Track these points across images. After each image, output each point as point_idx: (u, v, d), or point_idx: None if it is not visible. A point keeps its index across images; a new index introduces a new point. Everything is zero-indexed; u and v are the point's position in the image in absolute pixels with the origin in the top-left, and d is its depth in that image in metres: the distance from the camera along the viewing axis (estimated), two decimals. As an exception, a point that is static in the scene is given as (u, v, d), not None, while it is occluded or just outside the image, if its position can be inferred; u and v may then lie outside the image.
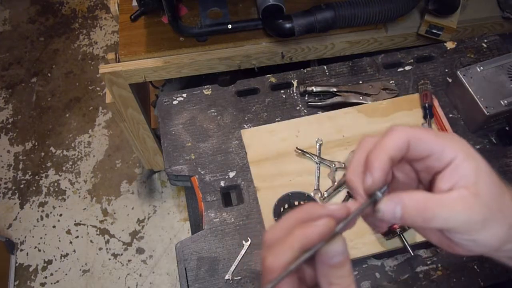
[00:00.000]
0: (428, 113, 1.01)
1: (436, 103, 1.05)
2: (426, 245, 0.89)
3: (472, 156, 0.39)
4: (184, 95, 1.10)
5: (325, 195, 0.93)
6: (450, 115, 1.04)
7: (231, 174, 0.98)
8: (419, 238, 0.88)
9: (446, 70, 1.12)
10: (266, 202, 0.92)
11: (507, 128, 1.02)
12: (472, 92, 0.98)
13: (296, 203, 0.91)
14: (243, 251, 0.89)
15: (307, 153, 0.97)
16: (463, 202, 0.37)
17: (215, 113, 1.07)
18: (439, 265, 0.88)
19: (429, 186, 0.42)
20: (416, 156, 0.41)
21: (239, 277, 0.87)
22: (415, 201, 0.38)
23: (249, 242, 0.90)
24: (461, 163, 0.39)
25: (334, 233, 0.37)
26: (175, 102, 1.09)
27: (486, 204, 0.38)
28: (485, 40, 1.16)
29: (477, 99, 0.97)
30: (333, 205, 0.39)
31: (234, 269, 0.87)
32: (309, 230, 0.37)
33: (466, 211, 0.37)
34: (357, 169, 0.41)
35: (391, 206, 0.38)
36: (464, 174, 0.38)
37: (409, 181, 0.44)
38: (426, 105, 1.01)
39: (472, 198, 0.37)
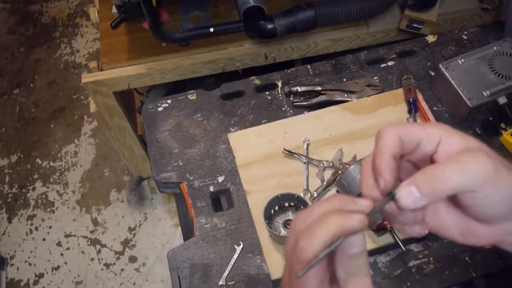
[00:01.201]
0: (413, 108, 1.01)
1: (420, 97, 1.05)
2: (418, 239, 0.90)
3: (454, 131, 0.42)
4: (169, 101, 1.09)
5: (315, 195, 0.93)
6: (435, 108, 1.05)
7: (220, 179, 0.98)
8: (410, 233, 0.88)
9: (429, 64, 1.12)
10: (256, 205, 0.92)
11: (490, 119, 1.03)
12: (454, 85, 0.99)
13: (287, 204, 0.91)
14: (235, 256, 0.89)
15: (295, 153, 0.97)
16: (468, 156, 0.39)
17: (201, 118, 1.06)
18: (431, 258, 0.88)
19: None
20: (410, 148, 0.42)
21: (232, 282, 0.86)
22: (424, 173, 0.39)
23: (241, 246, 0.89)
24: (448, 137, 0.41)
25: (360, 230, 0.39)
26: (160, 109, 1.08)
27: (487, 153, 0.39)
28: (465, 32, 1.17)
29: (460, 92, 0.98)
30: (363, 200, 0.41)
31: (228, 274, 0.87)
32: (347, 221, 0.38)
33: (474, 161, 0.38)
34: (368, 182, 0.43)
35: (407, 189, 0.39)
36: (455, 143, 0.41)
37: None
38: (411, 99, 1.02)
39: (476, 152, 0.39)
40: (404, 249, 0.86)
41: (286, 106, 1.07)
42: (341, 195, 0.42)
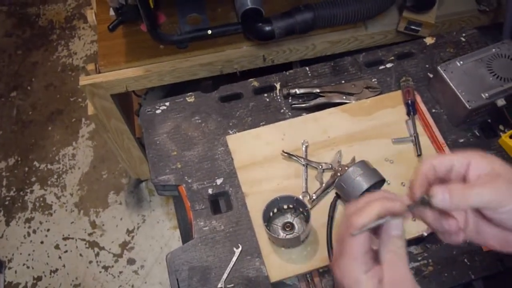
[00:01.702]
0: (411, 110, 1.01)
1: (418, 99, 1.05)
2: (417, 241, 0.90)
3: (483, 155, 0.52)
4: (167, 103, 1.09)
5: (314, 197, 0.92)
6: (433, 110, 1.05)
7: (219, 181, 0.98)
8: (409, 235, 0.88)
9: (427, 66, 1.12)
10: (255, 207, 0.92)
11: (489, 121, 1.03)
12: (453, 87, 0.99)
13: (285, 207, 0.90)
14: (234, 258, 0.88)
15: (294, 155, 0.97)
16: (488, 181, 0.49)
17: (199, 121, 1.06)
18: (430, 260, 0.88)
19: None
20: (444, 171, 0.53)
21: (231, 285, 0.86)
22: (456, 187, 0.49)
23: (240, 249, 0.89)
24: (477, 161, 0.51)
25: (400, 213, 0.50)
26: (158, 111, 1.08)
27: (507, 179, 0.48)
28: (464, 34, 1.17)
29: (458, 94, 0.98)
30: (405, 196, 0.53)
31: (227, 277, 0.87)
32: (389, 203, 0.51)
33: (491, 186, 0.48)
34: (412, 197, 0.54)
35: (440, 191, 0.48)
36: (482, 166, 0.51)
37: None
38: (409, 101, 1.02)
39: (493, 177, 0.49)
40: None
41: (284, 108, 1.07)
42: (384, 191, 0.54)
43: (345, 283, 0.50)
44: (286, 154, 0.98)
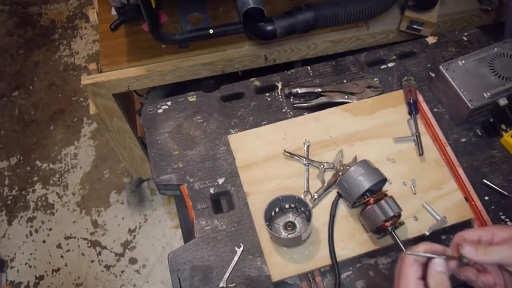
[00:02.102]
0: (413, 109, 1.01)
1: (420, 98, 1.05)
2: (418, 240, 0.89)
3: (504, 226, 0.74)
4: (169, 103, 1.09)
5: (316, 197, 0.92)
6: (435, 110, 1.05)
7: (220, 181, 0.98)
8: (411, 234, 0.88)
9: (429, 65, 1.12)
10: (257, 207, 0.92)
11: (491, 120, 1.03)
12: (455, 86, 0.99)
13: (287, 206, 0.90)
14: (236, 258, 0.88)
15: (295, 155, 0.97)
16: (506, 243, 0.65)
17: (201, 120, 1.06)
18: (432, 260, 0.88)
19: None
20: (476, 240, 0.67)
21: (233, 284, 0.86)
22: (481, 245, 0.65)
23: (241, 248, 0.89)
24: (498, 231, 0.66)
25: (443, 256, 0.64)
26: (160, 111, 1.08)
27: None
28: (466, 33, 1.17)
29: (460, 93, 0.98)
30: (449, 249, 0.67)
31: (228, 276, 0.87)
32: (432, 246, 0.66)
33: (508, 246, 0.64)
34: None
35: (471, 248, 0.64)
36: (504, 234, 0.66)
37: None
38: (411, 101, 1.02)
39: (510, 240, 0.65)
40: (405, 251, 0.85)
41: (286, 108, 1.07)
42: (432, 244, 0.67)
43: None
44: (287, 154, 0.98)
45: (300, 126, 1.02)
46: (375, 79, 1.10)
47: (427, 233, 0.88)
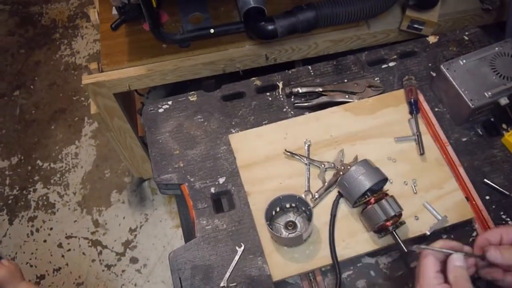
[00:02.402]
0: (414, 108, 1.01)
1: (421, 98, 1.05)
2: (419, 240, 0.89)
3: None
4: (170, 102, 1.09)
5: (316, 196, 0.92)
6: (436, 109, 1.05)
7: (221, 180, 0.98)
8: (411, 234, 0.88)
9: (430, 65, 1.12)
10: (258, 206, 0.92)
11: (492, 120, 1.03)
12: (456, 86, 0.98)
13: (288, 205, 0.90)
14: (237, 257, 0.88)
15: (296, 154, 0.97)
16: None
17: (202, 119, 1.06)
18: (433, 259, 0.88)
19: None
20: (496, 241, 0.68)
21: (234, 284, 0.86)
22: (504, 247, 0.66)
23: (242, 248, 0.89)
24: None
25: (461, 252, 0.66)
26: (160, 110, 1.08)
27: None
28: (467, 33, 1.17)
29: (461, 92, 0.98)
30: (467, 246, 0.69)
31: (229, 276, 0.87)
32: (450, 242, 0.68)
33: None
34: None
35: (493, 248, 0.66)
36: None
37: None
38: (412, 100, 1.02)
39: None
40: (406, 250, 0.85)
41: (287, 107, 1.07)
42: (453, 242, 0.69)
43: None
44: (288, 154, 0.98)
45: (301, 126, 1.02)
46: (376, 79, 1.10)
47: (428, 233, 0.88)
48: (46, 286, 1.83)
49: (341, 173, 0.93)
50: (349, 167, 0.90)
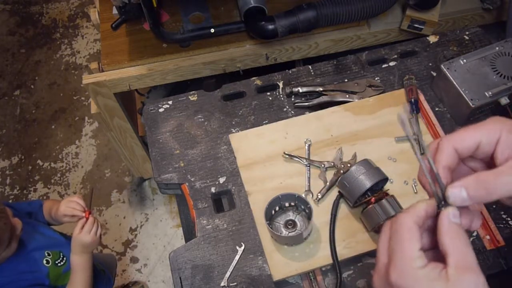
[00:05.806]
0: (415, 108, 1.01)
1: (422, 97, 1.05)
2: (419, 240, 0.89)
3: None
4: (170, 102, 1.09)
5: (319, 197, 0.92)
6: (437, 109, 1.05)
7: (221, 180, 0.98)
8: (412, 234, 0.88)
9: (430, 64, 1.12)
10: (258, 206, 0.92)
11: (493, 119, 1.03)
12: (456, 85, 0.98)
13: (287, 205, 0.90)
14: (237, 257, 0.88)
15: (295, 156, 0.97)
16: None
17: (202, 119, 1.06)
18: (433, 259, 0.88)
19: None
20: (469, 153, 0.46)
21: (234, 283, 0.86)
22: (475, 179, 0.42)
23: (242, 247, 0.89)
24: (506, 137, 0.44)
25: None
26: (161, 110, 1.08)
27: None
28: (467, 32, 1.17)
29: (462, 92, 0.98)
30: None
31: (229, 275, 0.87)
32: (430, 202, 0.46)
33: None
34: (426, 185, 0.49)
35: (457, 189, 0.43)
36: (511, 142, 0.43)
37: None
38: (412, 100, 1.02)
39: None
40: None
41: (287, 107, 1.07)
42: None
43: (404, 285, 0.43)
44: (287, 156, 0.97)
45: (301, 125, 1.02)
46: (376, 78, 1.10)
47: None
48: (46, 286, 1.83)
49: (341, 171, 0.93)
50: (348, 165, 0.90)
